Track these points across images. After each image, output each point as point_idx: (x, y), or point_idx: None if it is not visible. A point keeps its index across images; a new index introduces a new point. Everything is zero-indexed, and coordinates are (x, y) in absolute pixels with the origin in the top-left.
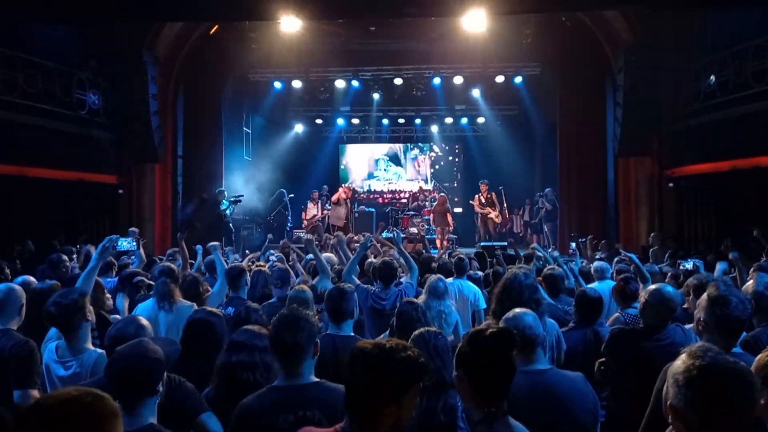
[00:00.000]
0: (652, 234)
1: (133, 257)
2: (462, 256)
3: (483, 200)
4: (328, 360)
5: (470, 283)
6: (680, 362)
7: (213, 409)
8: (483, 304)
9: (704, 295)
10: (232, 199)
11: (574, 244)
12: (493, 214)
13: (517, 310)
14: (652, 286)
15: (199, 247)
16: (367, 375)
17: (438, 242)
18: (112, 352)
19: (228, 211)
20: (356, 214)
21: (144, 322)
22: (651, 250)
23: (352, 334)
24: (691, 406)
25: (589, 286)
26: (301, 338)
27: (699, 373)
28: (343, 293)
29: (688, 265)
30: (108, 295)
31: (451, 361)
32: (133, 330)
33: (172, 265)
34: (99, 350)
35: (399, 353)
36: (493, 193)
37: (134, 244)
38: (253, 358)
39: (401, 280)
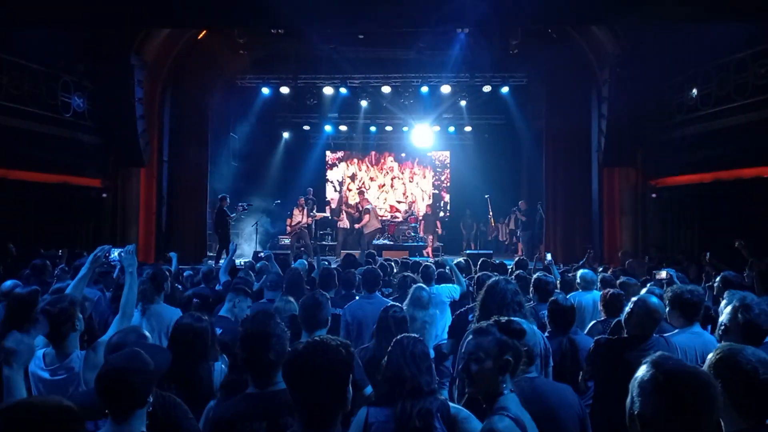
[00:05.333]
0: (621, 252)
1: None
2: (428, 263)
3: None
4: None
5: (441, 285)
6: (644, 371)
7: None
8: (457, 294)
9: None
10: (240, 206)
11: (549, 255)
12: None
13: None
14: (637, 297)
15: (173, 253)
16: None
17: (430, 250)
18: None
19: (233, 220)
20: None
21: (144, 331)
22: (627, 263)
23: None
24: (660, 412)
25: (573, 294)
26: (272, 356)
27: (666, 379)
28: (318, 302)
29: (662, 273)
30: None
31: (429, 369)
32: (133, 339)
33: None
34: (82, 351)
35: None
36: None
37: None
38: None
39: None
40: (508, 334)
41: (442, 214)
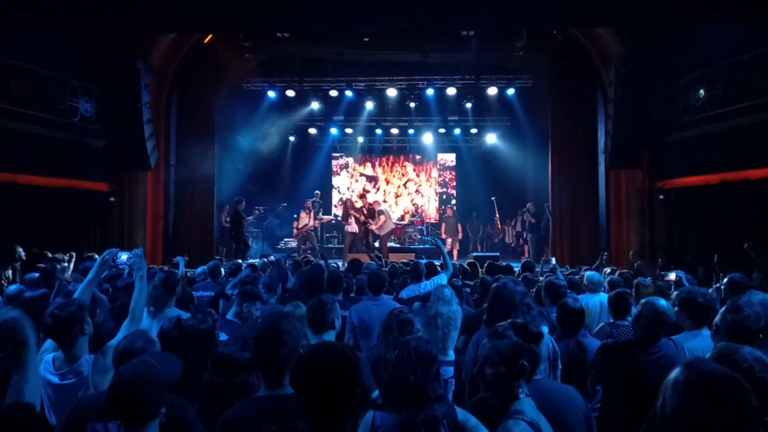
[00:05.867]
0: (631, 252)
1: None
2: (418, 261)
3: (365, 211)
4: None
5: (430, 281)
6: (678, 372)
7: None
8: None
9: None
10: (257, 210)
11: (554, 259)
12: (374, 226)
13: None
14: (645, 299)
15: (180, 258)
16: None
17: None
18: (119, 365)
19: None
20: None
21: (152, 336)
22: (635, 264)
23: None
24: (691, 412)
25: (579, 296)
26: (283, 352)
27: (699, 379)
28: (323, 304)
29: (671, 276)
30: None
31: (436, 373)
32: (141, 344)
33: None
34: (91, 355)
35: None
36: (374, 204)
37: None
38: (233, 380)
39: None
40: (524, 337)
41: (453, 202)
